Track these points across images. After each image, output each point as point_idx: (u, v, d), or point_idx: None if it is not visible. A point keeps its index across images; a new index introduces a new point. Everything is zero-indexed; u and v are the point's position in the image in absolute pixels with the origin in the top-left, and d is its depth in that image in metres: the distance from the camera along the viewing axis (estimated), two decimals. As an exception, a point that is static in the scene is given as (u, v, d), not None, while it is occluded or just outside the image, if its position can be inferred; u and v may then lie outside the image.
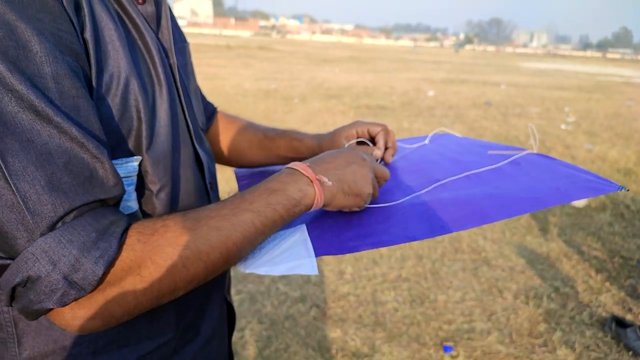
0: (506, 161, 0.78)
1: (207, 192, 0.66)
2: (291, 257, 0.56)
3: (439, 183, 0.72)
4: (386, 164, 0.83)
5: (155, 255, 0.46)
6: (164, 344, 0.60)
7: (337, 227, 0.63)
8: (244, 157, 0.90)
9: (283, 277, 2.73)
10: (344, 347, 2.17)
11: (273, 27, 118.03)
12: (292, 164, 0.58)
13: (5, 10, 0.39)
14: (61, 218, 0.42)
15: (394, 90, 11.48)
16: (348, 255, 3.04)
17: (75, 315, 0.44)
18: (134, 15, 0.54)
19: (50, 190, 0.41)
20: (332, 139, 0.82)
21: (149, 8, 0.57)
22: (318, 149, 0.82)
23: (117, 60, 0.50)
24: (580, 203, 4.17)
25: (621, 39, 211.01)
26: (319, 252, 0.58)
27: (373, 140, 0.83)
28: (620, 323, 2.35)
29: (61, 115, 0.42)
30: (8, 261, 0.42)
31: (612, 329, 2.35)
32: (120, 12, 0.53)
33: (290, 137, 0.86)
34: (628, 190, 0.63)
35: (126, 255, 0.45)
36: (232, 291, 2.55)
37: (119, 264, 0.45)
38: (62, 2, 0.44)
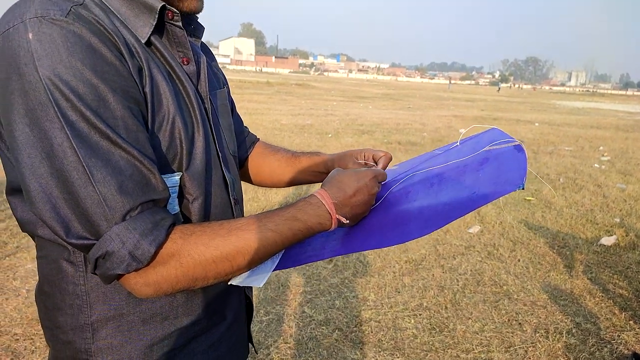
0: (477, 152, 0.87)
1: (232, 205, 0.86)
2: (258, 269, 0.72)
3: (405, 177, 0.88)
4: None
5: (191, 250, 0.63)
6: (196, 321, 0.79)
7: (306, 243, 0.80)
8: (276, 174, 1.12)
9: (309, 301, 2.88)
10: (364, 368, 2.29)
11: (312, 65, 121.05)
12: (321, 196, 0.74)
13: (92, 76, 0.59)
14: (128, 212, 0.59)
15: (425, 127, 11.63)
16: (372, 283, 3.17)
17: (136, 282, 0.63)
18: (180, 73, 0.75)
19: (121, 193, 0.59)
20: (344, 156, 1.04)
21: (192, 67, 0.79)
22: (331, 162, 1.05)
23: (167, 105, 0.69)
24: (609, 241, 4.15)
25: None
26: (286, 265, 0.76)
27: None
28: (641, 360, 2.37)
29: (127, 143, 0.60)
30: (94, 241, 0.60)
31: (632, 365, 2.37)
32: (170, 71, 0.75)
33: (311, 153, 1.10)
34: (523, 189, 0.70)
35: (170, 245, 0.62)
36: (261, 312, 2.72)
37: (164, 250, 0.62)
38: (130, 68, 0.64)
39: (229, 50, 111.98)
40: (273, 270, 0.74)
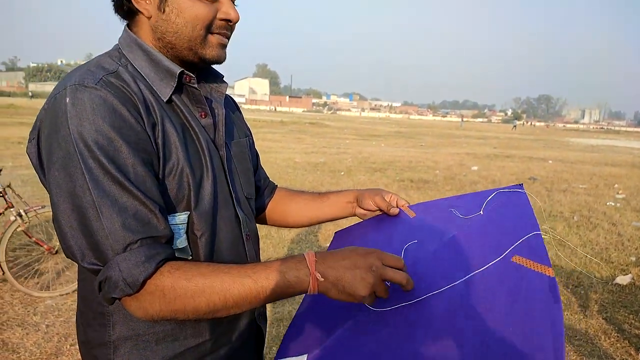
0: (503, 257, 0.87)
1: (243, 241, 0.95)
2: None
3: (436, 292, 0.83)
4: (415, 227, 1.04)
5: (175, 283, 0.72)
6: (202, 342, 0.88)
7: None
8: (303, 212, 1.21)
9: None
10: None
11: (325, 104, 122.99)
12: (307, 254, 0.79)
13: (110, 131, 0.73)
14: (129, 245, 0.70)
15: (437, 165, 11.71)
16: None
17: (130, 304, 0.73)
18: (195, 126, 0.87)
19: (124, 229, 0.70)
20: (365, 194, 1.13)
21: (209, 121, 0.91)
22: (354, 198, 1.15)
23: (177, 155, 0.81)
24: (624, 280, 4.11)
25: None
26: None
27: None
28: (659, 403, 2.33)
29: (134, 187, 0.72)
30: (101, 267, 0.71)
31: (650, 408, 2.33)
32: (186, 124, 0.87)
33: (337, 192, 1.21)
34: None
35: (158, 277, 0.72)
36: (273, 349, 2.75)
37: (152, 281, 0.72)
38: (145, 124, 0.78)
39: (244, 90, 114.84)
40: None
